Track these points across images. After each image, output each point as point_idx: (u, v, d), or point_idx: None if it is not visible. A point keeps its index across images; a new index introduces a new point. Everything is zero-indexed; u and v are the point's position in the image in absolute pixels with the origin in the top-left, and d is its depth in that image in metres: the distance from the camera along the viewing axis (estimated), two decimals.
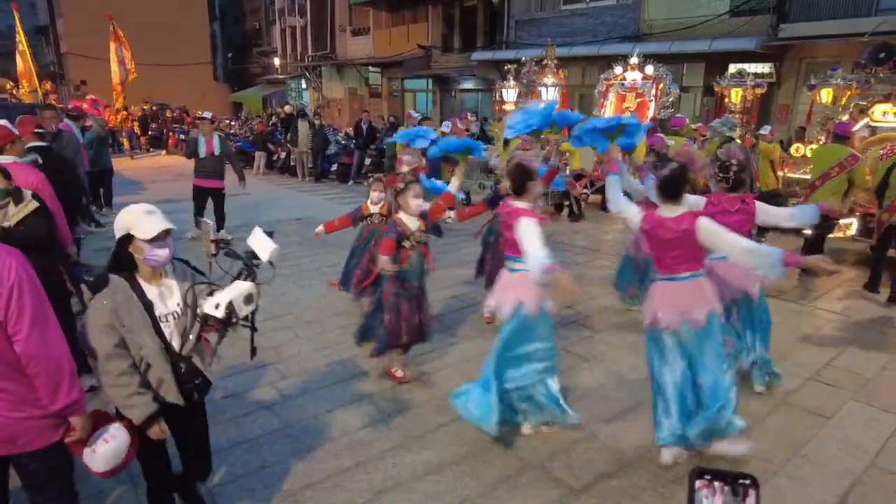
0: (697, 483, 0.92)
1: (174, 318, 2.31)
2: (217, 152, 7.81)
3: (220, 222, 8.21)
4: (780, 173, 8.62)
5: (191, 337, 2.32)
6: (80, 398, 2.09)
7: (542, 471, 3.29)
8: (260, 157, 15.66)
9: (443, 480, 3.19)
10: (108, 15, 19.05)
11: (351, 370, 4.43)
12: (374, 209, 5.06)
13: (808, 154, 8.40)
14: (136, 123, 20.06)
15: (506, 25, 18.88)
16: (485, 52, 19.19)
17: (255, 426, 3.65)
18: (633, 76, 10.98)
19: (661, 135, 7.27)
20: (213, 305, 2.17)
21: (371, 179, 5.13)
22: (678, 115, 10.30)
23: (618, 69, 11.23)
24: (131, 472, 3.19)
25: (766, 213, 3.85)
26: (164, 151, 19.90)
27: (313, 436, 3.58)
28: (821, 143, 8.37)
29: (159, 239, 2.19)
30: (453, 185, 4.16)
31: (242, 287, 2.21)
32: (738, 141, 6.53)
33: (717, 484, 0.91)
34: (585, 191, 10.19)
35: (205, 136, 7.83)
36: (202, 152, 7.79)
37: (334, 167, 14.52)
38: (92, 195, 9.38)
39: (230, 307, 2.16)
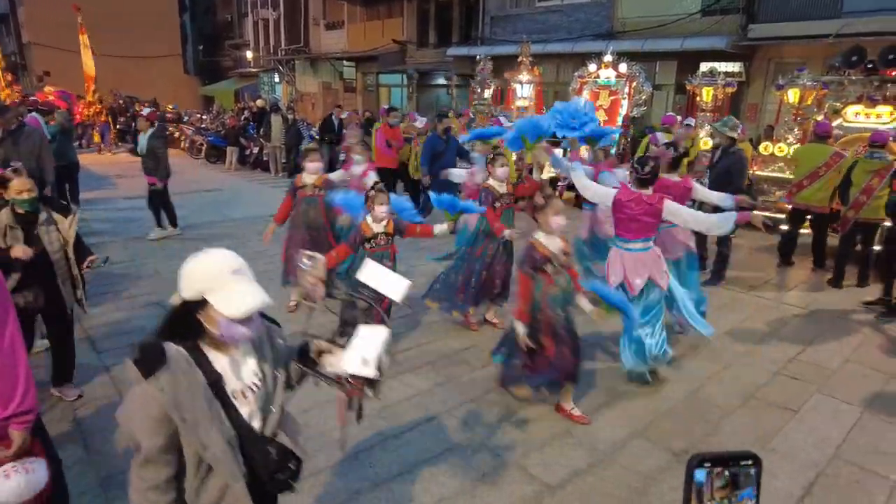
0: (697, 472, 0.88)
1: (253, 392, 1.71)
2: (143, 150, 7.85)
3: (170, 219, 8.24)
4: (749, 171, 8.81)
5: (273, 409, 1.77)
6: (32, 409, 2.01)
7: (518, 468, 3.32)
8: (232, 153, 15.41)
9: (420, 480, 3.20)
10: (75, 5, 18.31)
11: None
12: (377, 228, 4.22)
13: (777, 153, 8.61)
14: (110, 117, 19.28)
15: (481, 21, 18.88)
16: (460, 47, 19.18)
17: None
18: (608, 74, 11.09)
19: (660, 133, 7.71)
20: (360, 362, 1.71)
21: (373, 192, 4.21)
22: (669, 113, 10.37)
23: (592, 67, 11.32)
24: (100, 475, 3.13)
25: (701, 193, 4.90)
26: (119, 144, 19.48)
27: None
28: (789, 141, 8.59)
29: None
30: (585, 305, 3.67)
31: (380, 334, 1.77)
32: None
33: (717, 469, 0.88)
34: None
35: (143, 133, 7.96)
36: (138, 149, 8.00)
37: None
38: (57, 191, 9.10)
39: (379, 361, 1.72)
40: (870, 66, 7.68)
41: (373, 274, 1.99)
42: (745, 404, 4.10)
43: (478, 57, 12.47)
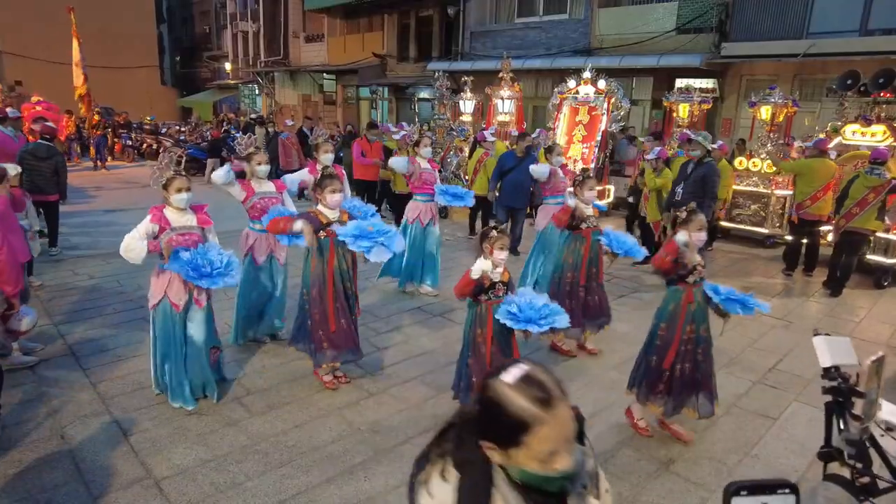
0: (734, 500, 0.88)
1: None
2: None
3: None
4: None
5: None
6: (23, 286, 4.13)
7: None
8: (212, 164, 15.24)
9: None
10: (69, 7, 17.70)
11: (317, 384, 4.41)
12: (495, 276, 3.54)
13: (751, 168, 8.89)
14: (108, 130, 18.29)
15: (461, 36, 19.12)
16: (440, 62, 19.37)
17: (222, 443, 3.60)
18: (586, 90, 11.32)
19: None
20: None
21: (494, 234, 3.46)
22: (685, 131, 10.42)
23: (571, 83, 11.56)
24: (93, 495, 3.11)
25: None
26: (108, 158, 19.13)
27: (282, 451, 3.56)
28: (762, 156, 8.88)
29: None
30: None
31: None
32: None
33: (754, 498, 0.87)
34: None
35: None
36: None
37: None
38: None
39: None
40: (862, 88, 8.06)
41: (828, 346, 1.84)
42: (728, 413, 4.22)
43: (436, 74, 12.64)
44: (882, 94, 7.88)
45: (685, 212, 3.68)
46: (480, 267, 3.41)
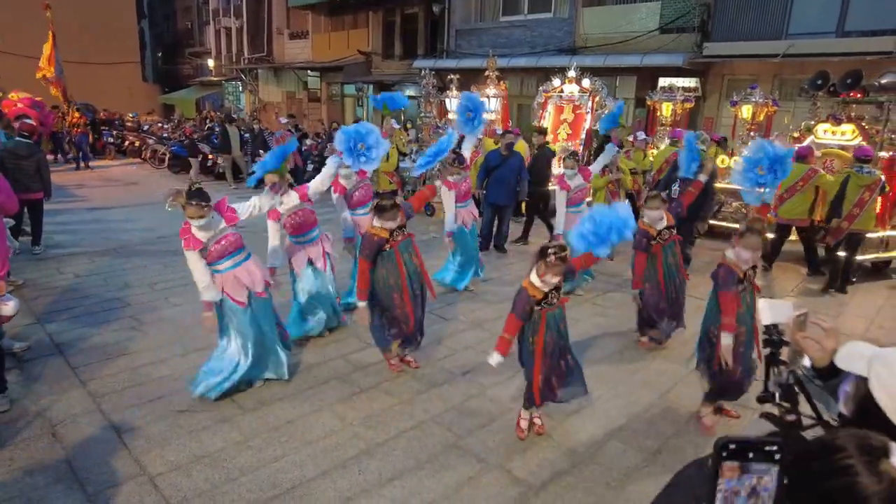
0: (724, 454, 0.90)
1: None
2: None
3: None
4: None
5: None
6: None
7: (502, 471, 3.45)
8: (193, 164, 15.08)
9: (408, 485, 3.29)
10: (45, 4, 17.42)
11: (308, 381, 4.45)
12: (546, 287, 3.42)
13: (732, 165, 9.04)
14: (89, 128, 17.81)
15: (446, 34, 19.15)
16: (426, 59, 19.37)
17: (215, 439, 3.63)
18: (571, 89, 11.43)
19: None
20: None
21: (552, 259, 3.29)
22: (677, 129, 10.39)
23: (556, 81, 11.65)
24: (87, 493, 3.12)
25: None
26: (92, 156, 18.84)
27: (275, 446, 3.59)
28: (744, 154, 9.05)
29: None
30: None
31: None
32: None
33: (743, 454, 0.90)
34: None
35: None
36: None
37: None
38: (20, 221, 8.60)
39: None
40: (832, 89, 8.21)
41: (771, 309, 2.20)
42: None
43: (422, 72, 12.67)
44: (851, 95, 8.05)
45: (744, 226, 3.71)
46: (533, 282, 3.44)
